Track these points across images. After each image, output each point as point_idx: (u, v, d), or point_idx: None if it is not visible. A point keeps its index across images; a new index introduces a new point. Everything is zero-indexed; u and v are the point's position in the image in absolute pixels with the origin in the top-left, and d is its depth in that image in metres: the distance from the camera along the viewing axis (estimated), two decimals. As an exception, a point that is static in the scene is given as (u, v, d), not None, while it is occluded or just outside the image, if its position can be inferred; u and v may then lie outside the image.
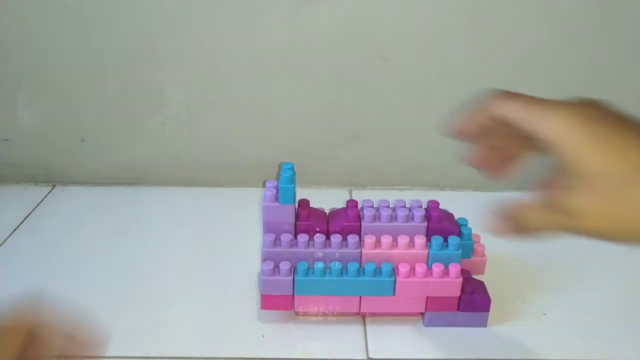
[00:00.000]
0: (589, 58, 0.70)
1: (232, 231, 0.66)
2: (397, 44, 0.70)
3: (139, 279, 0.59)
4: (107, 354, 0.50)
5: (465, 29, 0.69)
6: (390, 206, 0.52)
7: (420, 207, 0.52)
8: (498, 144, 0.36)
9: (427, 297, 0.51)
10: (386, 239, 0.50)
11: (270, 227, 0.51)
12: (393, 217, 0.51)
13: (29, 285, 0.57)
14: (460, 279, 0.50)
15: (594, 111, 0.32)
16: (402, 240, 0.50)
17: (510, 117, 0.33)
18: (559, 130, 0.31)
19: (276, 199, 0.49)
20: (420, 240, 0.50)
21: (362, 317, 0.54)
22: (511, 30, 0.69)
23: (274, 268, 0.51)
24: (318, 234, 0.51)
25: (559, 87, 0.73)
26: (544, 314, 0.55)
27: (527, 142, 0.34)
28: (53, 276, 0.59)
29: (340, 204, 0.54)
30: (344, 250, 0.50)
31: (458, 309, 0.52)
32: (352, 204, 0.53)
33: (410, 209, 0.51)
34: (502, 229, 0.35)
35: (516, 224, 0.34)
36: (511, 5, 0.67)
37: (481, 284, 0.53)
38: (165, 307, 0.56)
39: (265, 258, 0.51)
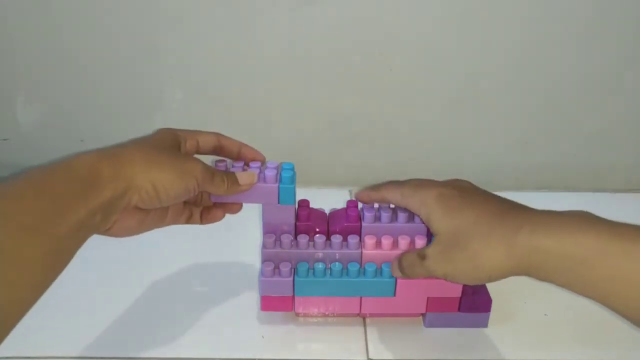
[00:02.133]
0: (589, 58, 0.70)
1: (232, 231, 0.66)
2: (397, 44, 0.70)
3: (138, 280, 0.59)
4: (107, 354, 0.50)
5: (465, 29, 0.69)
6: (391, 206, 0.52)
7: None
8: None
9: (428, 298, 0.51)
10: (387, 240, 0.50)
11: (270, 228, 0.51)
12: (394, 218, 0.51)
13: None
14: (461, 280, 0.50)
15: (450, 191, 0.43)
16: (403, 240, 0.50)
17: (391, 201, 0.47)
18: (422, 207, 0.43)
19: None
20: (421, 240, 0.50)
21: (363, 318, 0.54)
22: (511, 31, 0.69)
23: (274, 269, 0.50)
24: (318, 235, 0.51)
25: (558, 87, 0.73)
26: (545, 315, 0.55)
27: None
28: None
29: (341, 204, 0.54)
30: (344, 251, 0.50)
31: (459, 309, 0.52)
32: (352, 204, 0.53)
33: (410, 210, 0.51)
34: (393, 267, 0.48)
35: (398, 263, 0.47)
36: (511, 6, 0.67)
37: (482, 285, 0.53)
38: (165, 307, 0.56)
39: (265, 259, 0.51)
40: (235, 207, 0.50)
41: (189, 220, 0.48)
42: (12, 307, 0.32)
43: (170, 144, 0.45)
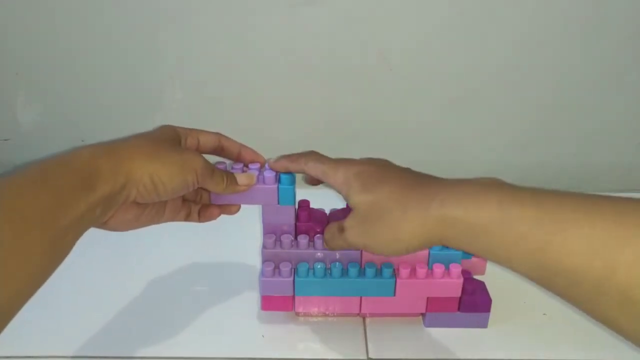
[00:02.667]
0: (588, 59, 0.70)
1: (233, 232, 0.66)
2: (397, 44, 0.70)
3: (139, 279, 0.59)
4: (107, 354, 0.50)
5: (464, 29, 0.69)
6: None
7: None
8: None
9: (428, 298, 0.51)
10: (387, 240, 0.50)
11: (270, 228, 0.51)
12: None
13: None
14: (461, 280, 0.50)
15: (369, 167, 0.43)
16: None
17: (312, 173, 0.46)
18: (340, 184, 0.43)
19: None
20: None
21: (363, 317, 0.54)
22: (511, 31, 0.69)
23: (274, 269, 0.50)
24: (318, 235, 0.51)
25: (558, 87, 0.73)
26: (544, 314, 0.55)
27: None
28: (52, 276, 0.58)
29: (341, 204, 0.54)
30: (344, 251, 0.50)
31: (459, 309, 0.52)
32: (352, 204, 0.53)
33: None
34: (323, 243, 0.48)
35: (324, 239, 0.47)
36: (511, 6, 0.67)
37: (482, 285, 0.53)
38: (165, 307, 0.56)
39: (265, 259, 0.51)
40: (233, 208, 0.50)
41: (187, 218, 0.49)
42: (12, 298, 0.32)
43: (171, 139, 0.45)
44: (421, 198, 0.38)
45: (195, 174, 0.42)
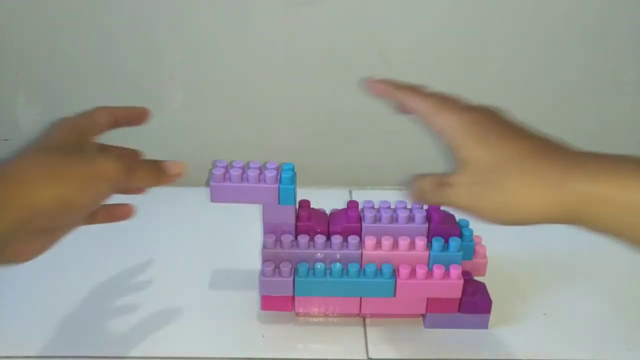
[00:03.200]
0: (589, 58, 0.70)
1: (233, 231, 0.66)
2: (397, 43, 0.70)
3: (139, 279, 0.59)
4: (107, 354, 0.50)
5: (464, 28, 0.69)
6: (391, 207, 0.52)
7: (421, 208, 0.52)
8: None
9: (428, 299, 0.51)
10: (387, 240, 0.50)
11: (270, 228, 0.51)
12: (394, 219, 0.51)
13: (29, 284, 0.57)
14: (461, 281, 0.50)
15: (486, 116, 0.39)
16: (403, 241, 0.50)
17: (420, 111, 0.41)
18: (449, 131, 0.38)
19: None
20: (421, 241, 0.50)
21: (363, 318, 0.54)
22: (511, 31, 0.69)
23: (274, 269, 0.50)
24: (319, 235, 0.51)
25: (558, 87, 0.73)
26: (545, 314, 0.55)
27: None
28: (53, 276, 0.58)
29: (341, 205, 0.54)
30: (344, 251, 0.50)
31: (459, 310, 0.52)
32: (352, 204, 0.53)
33: (411, 210, 0.51)
34: (409, 195, 0.42)
35: (416, 191, 0.41)
36: (511, 6, 0.67)
37: (482, 286, 0.53)
38: (165, 307, 0.56)
39: (265, 259, 0.51)
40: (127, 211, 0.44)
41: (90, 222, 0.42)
42: None
43: (71, 144, 0.38)
44: (555, 168, 0.34)
45: (109, 181, 0.37)
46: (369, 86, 0.44)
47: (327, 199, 0.56)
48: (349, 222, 0.51)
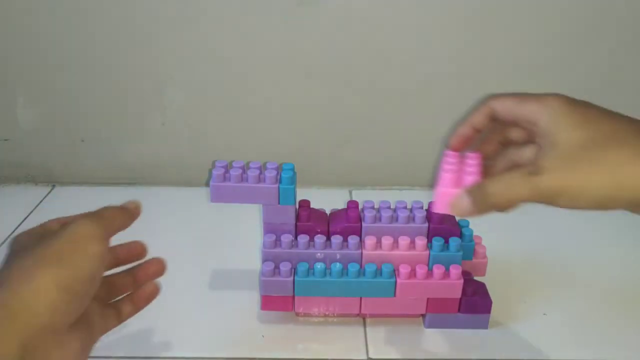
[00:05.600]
0: (589, 58, 0.70)
1: (233, 231, 0.66)
2: (397, 44, 0.70)
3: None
4: (107, 354, 0.50)
5: (464, 29, 0.69)
6: (391, 207, 0.52)
7: (421, 208, 0.52)
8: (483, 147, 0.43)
9: (428, 299, 0.51)
10: (387, 240, 0.50)
11: (270, 228, 0.51)
12: (394, 218, 0.51)
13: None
14: (461, 281, 0.50)
15: (566, 100, 0.37)
16: (403, 241, 0.50)
17: (501, 109, 0.39)
18: (544, 114, 0.36)
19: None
20: (421, 241, 0.50)
21: (363, 318, 0.54)
22: (511, 31, 0.69)
23: (274, 269, 0.50)
24: (319, 235, 0.51)
25: (558, 87, 0.73)
26: (545, 314, 0.55)
27: (505, 139, 0.42)
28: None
29: (341, 204, 0.54)
30: (344, 251, 0.50)
31: (459, 310, 0.52)
32: (352, 204, 0.53)
33: (411, 210, 0.51)
34: (459, 204, 0.37)
35: (478, 195, 0.36)
36: (511, 7, 0.67)
37: (482, 286, 0.53)
38: (165, 307, 0.55)
39: (265, 259, 0.51)
40: (158, 267, 0.44)
41: (120, 319, 0.42)
42: None
43: (38, 235, 0.36)
44: None
45: (93, 237, 0.35)
46: (453, 146, 0.42)
47: (327, 199, 0.56)
48: (349, 222, 0.51)
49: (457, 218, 0.53)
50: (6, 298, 0.30)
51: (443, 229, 0.51)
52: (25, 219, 0.70)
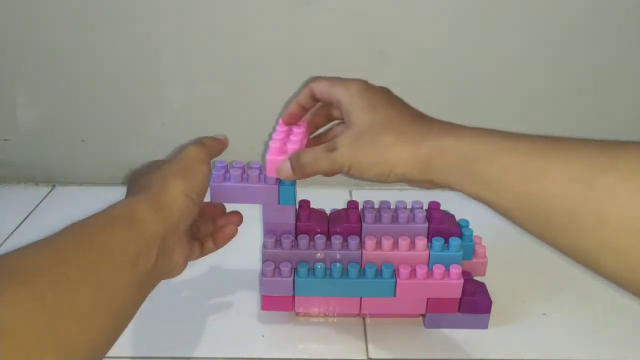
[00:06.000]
0: (589, 58, 0.70)
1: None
2: (397, 43, 0.70)
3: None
4: (107, 354, 0.50)
5: (464, 29, 0.69)
6: (391, 207, 0.52)
7: (421, 208, 0.52)
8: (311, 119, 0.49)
9: (428, 299, 0.51)
10: (387, 241, 0.50)
11: (270, 228, 0.51)
12: (394, 219, 0.51)
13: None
14: (461, 281, 0.50)
15: (375, 89, 0.43)
16: (403, 241, 0.50)
17: (317, 90, 0.45)
18: (346, 97, 0.42)
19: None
20: (421, 241, 0.50)
21: (363, 318, 0.54)
22: (511, 31, 0.69)
23: (275, 269, 0.50)
24: (319, 235, 0.51)
25: (558, 86, 0.73)
26: (545, 314, 0.55)
27: (328, 115, 0.48)
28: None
29: (341, 204, 0.54)
30: (344, 252, 0.50)
31: (459, 310, 0.52)
32: (353, 205, 0.53)
33: (411, 210, 0.51)
34: (282, 169, 0.44)
35: (294, 162, 0.43)
36: (511, 6, 0.67)
37: (482, 286, 0.53)
38: (165, 307, 0.56)
39: (265, 259, 0.51)
40: (237, 219, 0.50)
41: (202, 252, 0.48)
42: None
43: (164, 162, 0.45)
44: (418, 128, 0.40)
45: (200, 160, 0.43)
46: (285, 120, 0.48)
47: (327, 199, 0.56)
48: (349, 222, 0.51)
49: (457, 218, 0.53)
50: (154, 195, 0.39)
51: (443, 229, 0.51)
52: (25, 219, 0.70)
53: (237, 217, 0.50)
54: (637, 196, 0.29)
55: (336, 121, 0.49)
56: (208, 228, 0.49)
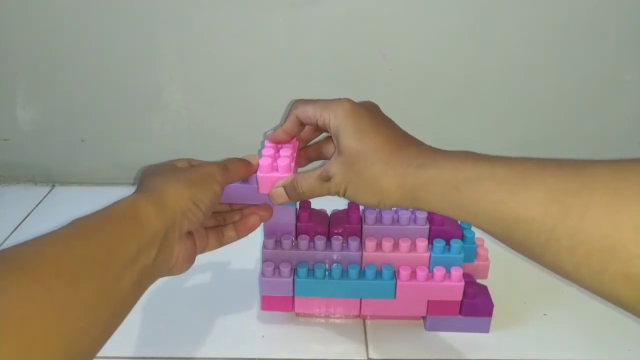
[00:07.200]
0: (589, 59, 0.70)
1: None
2: (397, 43, 0.70)
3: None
4: (107, 354, 0.50)
5: (464, 28, 0.69)
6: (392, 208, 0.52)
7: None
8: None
9: (429, 301, 0.51)
10: (387, 242, 0.50)
11: (271, 229, 0.51)
12: (395, 220, 0.51)
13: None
14: (462, 283, 0.49)
15: (362, 110, 0.43)
16: (404, 243, 0.50)
17: (303, 117, 0.45)
18: (333, 121, 0.42)
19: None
20: (422, 243, 0.50)
21: (363, 319, 0.54)
22: (511, 31, 0.69)
23: (275, 269, 0.50)
24: (319, 236, 0.51)
25: (558, 87, 0.73)
26: (545, 314, 0.55)
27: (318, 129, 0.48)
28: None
29: (341, 205, 0.54)
30: (345, 253, 0.50)
31: (460, 313, 0.52)
32: (353, 205, 0.53)
33: (412, 211, 0.51)
34: (277, 195, 0.45)
35: (290, 189, 0.44)
36: (511, 6, 0.67)
37: (484, 288, 0.52)
38: (166, 307, 0.56)
39: (265, 259, 0.51)
40: (266, 213, 0.49)
41: (224, 240, 0.49)
42: (72, 356, 0.31)
43: (180, 167, 0.46)
44: (402, 158, 0.40)
45: (216, 180, 0.43)
46: (271, 139, 0.48)
47: (327, 200, 0.56)
48: (349, 223, 0.51)
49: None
50: (159, 195, 0.40)
51: (444, 230, 0.50)
52: (25, 218, 0.70)
53: (266, 210, 0.49)
54: (609, 214, 0.30)
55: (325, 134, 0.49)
56: (233, 217, 0.50)
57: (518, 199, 0.34)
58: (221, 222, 0.49)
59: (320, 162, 0.50)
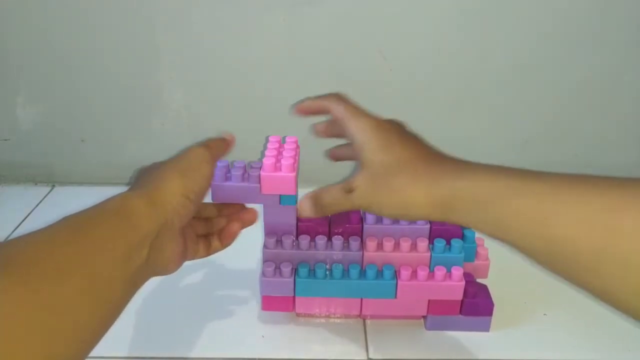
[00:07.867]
0: (589, 59, 0.70)
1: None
2: (397, 43, 0.70)
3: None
4: (107, 354, 0.50)
5: (465, 29, 0.69)
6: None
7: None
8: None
9: (429, 301, 0.51)
10: (388, 242, 0.50)
11: (271, 228, 0.51)
12: (395, 219, 0.51)
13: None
14: (463, 283, 0.49)
15: (389, 125, 0.43)
16: (405, 242, 0.50)
17: (334, 114, 0.45)
18: (359, 133, 0.42)
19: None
20: (422, 242, 0.50)
21: (363, 319, 0.54)
22: (511, 31, 0.69)
23: (275, 269, 0.50)
24: (320, 236, 0.51)
25: (558, 87, 0.73)
26: (545, 314, 0.55)
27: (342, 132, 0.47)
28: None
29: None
30: (345, 252, 0.50)
31: (460, 312, 0.52)
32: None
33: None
34: (303, 209, 0.45)
35: (315, 202, 0.45)
36: (511, 6, 0.67)
37: (484, 288, 0.52)
38: (165, 306, 0.56)
39: (266, 259, 0.51)
40: (250, 217, 0.50)
41: (209, 250, 0.49)
42: (59, 355, 0.30)
43: (168, 160, 0.45)
44: (433, 170, 0.39)
45: (205, 159, 0.43)
46: (297, 111, 0.48)
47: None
48: (350, 223, 0.51)
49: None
50: (150, 191, 0.39)
51: (445, 230, 0.51)
52: (25, 218, 0.70)
53: (251, 215, 0.50)
54: None
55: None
56: (220, 223, 0.49)
57: (558, 217, 0.32)
58: (210, 230, 0.49)
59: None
